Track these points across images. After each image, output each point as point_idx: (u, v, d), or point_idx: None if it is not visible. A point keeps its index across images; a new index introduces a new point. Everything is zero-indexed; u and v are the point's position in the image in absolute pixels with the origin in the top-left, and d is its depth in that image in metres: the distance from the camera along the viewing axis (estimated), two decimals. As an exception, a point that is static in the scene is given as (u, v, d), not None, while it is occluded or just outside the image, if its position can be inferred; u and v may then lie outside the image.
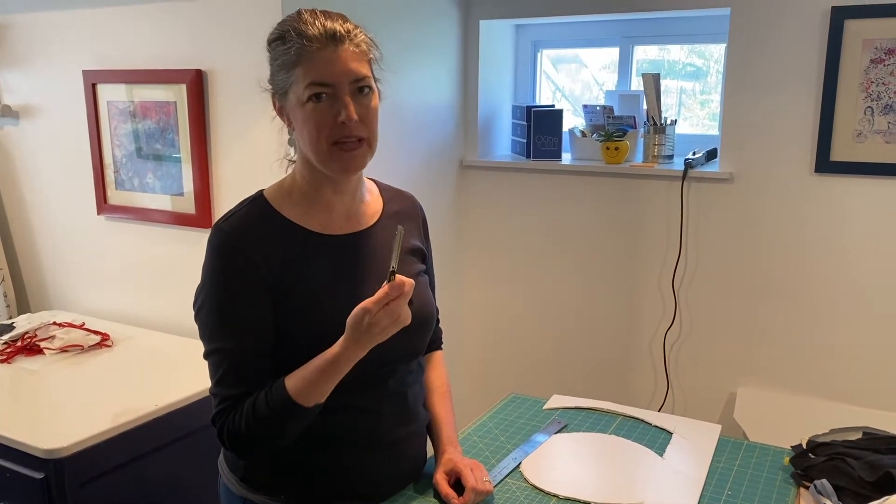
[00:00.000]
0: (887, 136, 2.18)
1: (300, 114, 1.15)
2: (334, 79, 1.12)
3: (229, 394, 1.15)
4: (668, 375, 2.62)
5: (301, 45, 1.12)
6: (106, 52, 2.25)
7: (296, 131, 1.18)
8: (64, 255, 2.53)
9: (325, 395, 1.13)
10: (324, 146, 1.15)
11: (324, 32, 1.12)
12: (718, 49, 2.66)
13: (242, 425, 1.13)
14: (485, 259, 2.90)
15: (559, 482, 1.31)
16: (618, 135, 2.60)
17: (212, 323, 1.16)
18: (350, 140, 1.15)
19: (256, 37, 1.97)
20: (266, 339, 1.16)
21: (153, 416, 1.75)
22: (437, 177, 2.73)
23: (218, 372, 1.16)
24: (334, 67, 1.12)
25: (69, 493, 1.59)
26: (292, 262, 1.18)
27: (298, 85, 1.13)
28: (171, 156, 2.19)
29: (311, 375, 1.12)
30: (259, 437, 1.14)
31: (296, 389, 1.12)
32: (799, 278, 2.37)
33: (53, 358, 2.07)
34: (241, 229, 1.17)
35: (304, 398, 1.12)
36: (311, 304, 1.17)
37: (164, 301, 2.32)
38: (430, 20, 2.56)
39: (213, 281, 1.16)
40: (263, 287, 1.15)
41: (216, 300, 1.16)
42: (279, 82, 1.17)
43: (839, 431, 1.44)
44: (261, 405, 1.12)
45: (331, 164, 1.16)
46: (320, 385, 1.12)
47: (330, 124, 1.13)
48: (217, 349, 1.16)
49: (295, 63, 1.13)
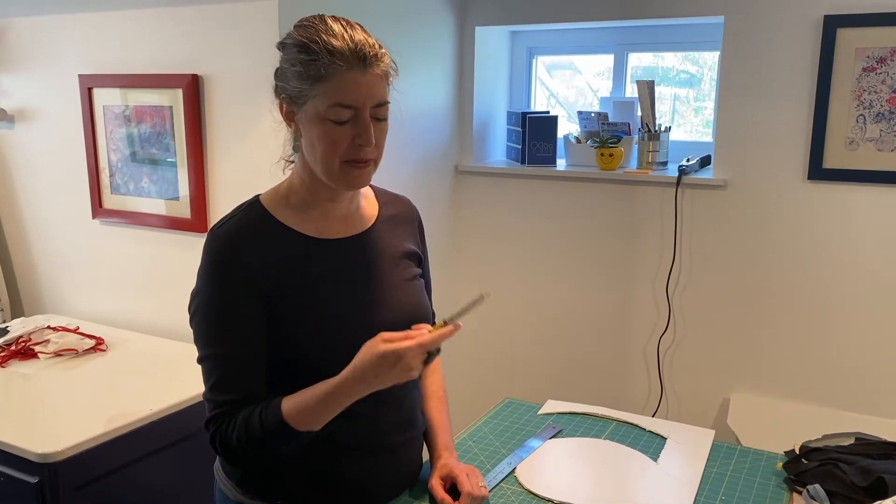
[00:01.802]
0: (879, 143, 2.19)
1: (316, 128, 1.13)
2: (359, 102, 1.12)
3: (222, 400, 1.15)
4: (662, 381, 2.63)
5: (330, 61, 1.10)
6: (102, 56, 2.25)
7: (304, 140, 1.18)
8: (59, 259, 2.52)
9: (320, 423, 1.12)
10: (336, 164, 1.15)
11: (353, 51, 1.10)
12: (712, 56, 2.67)
13: (234, 439, 1.13)
14: (480, 264, 2.91)
15: (554, 487, 1.31)
16: (612, 141, 2.62)
17: (206, 328, 1.16)
18: (362, 160, 1.16)
19: (252, 42, 1.99)
20: (260, 345, 1.16)
21: (148, 420, 1.75)
22: (433, 182, 2.74)
23: (211, 378, 1.16)
24: (361, 91, 1.11)
25: (63, 497, 1.59)
26: (288, 267, 1.18)
27: (320, 101, 1.11)
28: (167, 160, 2.19)
29: (308, 402, 1.11)
30: (249, 453, 1.14)
31: (291, 413, 1.11)
32: (792, 285, 2.38)
33: (48, 362, 2.06)
34: (236, 235, 1.17)
35: (297, 423, 1.11)
36: (308, 309, 1.17)
37: (159, 305, 2.32)
38: (426, 26, 2.57)
39: (207, 287, 1.16)
40: (259, 294, 1.15)
41: (211, 306, 1.16)
42: (295, 90, 1.14)
43: (832, 437, 1.45)
44: (254, 422, 1.12)
45: (339, 180, 1.17)
46: (316, 413, 1.11)
47: (346, 144, 1.13)
48: (211, 355, 1.16)
49: (320, 78, 1.11)
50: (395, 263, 1.28)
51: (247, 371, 1.15)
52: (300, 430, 1.11)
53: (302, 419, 1.11)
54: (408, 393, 1.29)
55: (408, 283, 1.29)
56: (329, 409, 1.11)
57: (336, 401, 1.10)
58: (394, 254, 1.29)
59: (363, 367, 1.08)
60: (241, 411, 1.14)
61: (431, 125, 2.66)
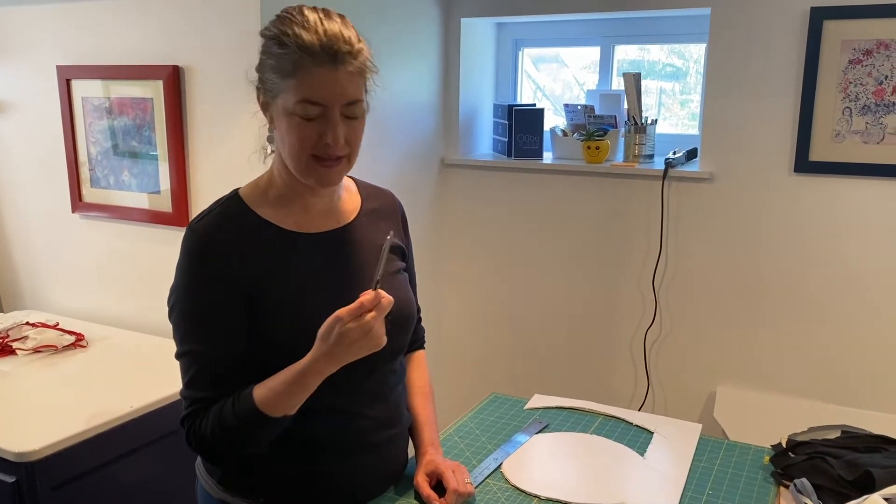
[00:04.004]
0: (865, 136, 2.20)
1: (285, 122, 1.11)
2: (327, 100, 1.09)
3: (199, 396, 1.14)
4: (649, 375, 2.63)
5: (299, 56, 1.07)
6: (80, 47, 2.21)
7: (276, 133, 1.16)
8: (38, 253, 2.49)
9: (293, 407, 1.11)
10: (303, 159, 1.13)
11: (325, 46, 1.07)
12: (698, 49, 2.67)
13: (208, 431, 1.11)
14: (466, 258, 2.89)
15: (540, 483, 1.30)
16: (599, 134, 2.61)
17: (184, 325, 1.15)
18: (330, 158, 1.13)
19: (234, 33, 1.96)
20: (238, 342, 1.14)
21: (128, 417, 1.72)
22: (418, 175, 2.72)
23: (188, 374, 1.14)
24: (329, 88, 1.09)
25: (41, 497, 1.56)
26: (268, 262, 1.16)
27: (289, 95, 1.09)
28: (148, 153, 2.16)
29: (280, 386, 1.10)
30: (225, 444, 1.12)
31: (263, 399, 1.10)
32: (778, 277, 2.38)
33: (26, 359, 2.03)
34: (214, 230, 1.15)
35: (270, 408, 1.09)
36: (289, 304, 1.15)
37: (140, 300, 2.29)
38: (410, 18, 2.55)
39: (185, 283, 1.14)
40: (237, 290, 1.13)
41: (188, 303, 1.14)
42: (269, 82, 1.12)
43: (818, 430, 1.44)
44: (227, 412, 1.11)
45: (308, 176, 1.15)
46: (288, 397, 1.10)
47: (313, 140, 1.11)
48: (188, 351, 1.14)
49: (289, 73, 1.08)
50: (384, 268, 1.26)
51: (224, 368, 1.14)
52: (274, 415, 1.10)
53: (274, 404, 1.10)
54: (392, 388, 1.27)
55: (391, 277, 1.27)
56: (302, 390, 1.10)
57: (308, 381, 1.09)
58: (377, 248, 1.27)
59: (331, 344, 1.06)
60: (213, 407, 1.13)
61: (417, 118, 2.64)
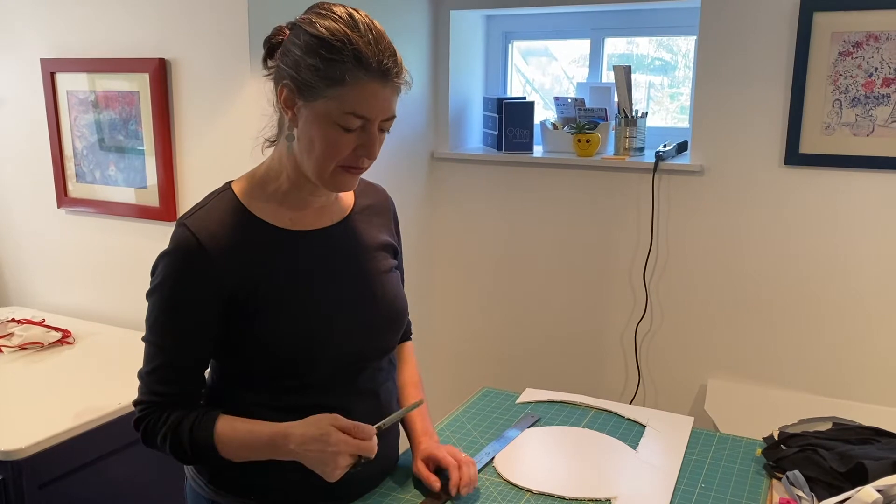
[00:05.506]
0: (855, 128, 2.20)
1: (320, 130, 1.09)
2: (373, 115, 1.09)
3: (159, 390, 1.15)
4: (640, 368, 2.63)
5: (355, 68, 1.05)
6: (65, 39, 2.18)
7: (300, 134, 1.11)
8: (23, 249, 2.46)
9: (243, 459, 1.13)
10: (330, 167, 1.11)
11: (380, 63, 1.06)
12: (687, 43, 2.66)
13: (159, 437, 1.14)
14: (456, 252, 2.88)
15: (533, 477, 1.29)
16: (589, 127, 2.60)
17: (157, 315, 1.14)
18: (360, 168, 1.13)
19: (221, 26, 1.93)
20: (206, 343, 1.15)
21: (116, 415, 1.71)
22: (408, 169, 2.70)
23: (151, 364, 1.15)
24: (377, 104, 1.08)
25: (28, 495, 1.54)
26: (260, 259, 1.14)
27: (333, 104, 1.07)
28: (135, 147, 2.13)
29: (245, 437, 1.12)
30: (168, 450, 1.15)
31: (222, 437, 1.12)
32: (768, 270, 2.39)
33: (12, 356, 2.01)
34: (205, 227, 1.12)
35: (225, 449, 1.12)
36: (281, 303, 1.14)
37: (127, 296, 2.26)
38: (399, 10, 2.53)
39: (167, 276, 1.12)
40: (219, 290, 1.11)
41: (166, 296, 1.13)
42: (306, 83, 1.07)
43: (808, 422, 1.45)
44: (184, 431, 1.12)
45: (328, 183, 1.14)
46: (247, 451, 1.13)
47: (348, 151, 1.10)
48: (156, 342, 1.14)
49: (338, 82, 1.06)
50: (371, 255, 1.25)
51: (187, 368, 1.15)
52: (223, 455, 1.12)
53: (231, 448, 1.12)
54: (381, 384, 1.26)
55: (384, 276, 1.26)
56: (261, 453, 1.13)
57: (273, 450, 1.11)
58: (370, 245, 1.26)
59: (309, 435, 1.08)
60: (172, 407, 1.14)
61: (406, 111, 2.62)
